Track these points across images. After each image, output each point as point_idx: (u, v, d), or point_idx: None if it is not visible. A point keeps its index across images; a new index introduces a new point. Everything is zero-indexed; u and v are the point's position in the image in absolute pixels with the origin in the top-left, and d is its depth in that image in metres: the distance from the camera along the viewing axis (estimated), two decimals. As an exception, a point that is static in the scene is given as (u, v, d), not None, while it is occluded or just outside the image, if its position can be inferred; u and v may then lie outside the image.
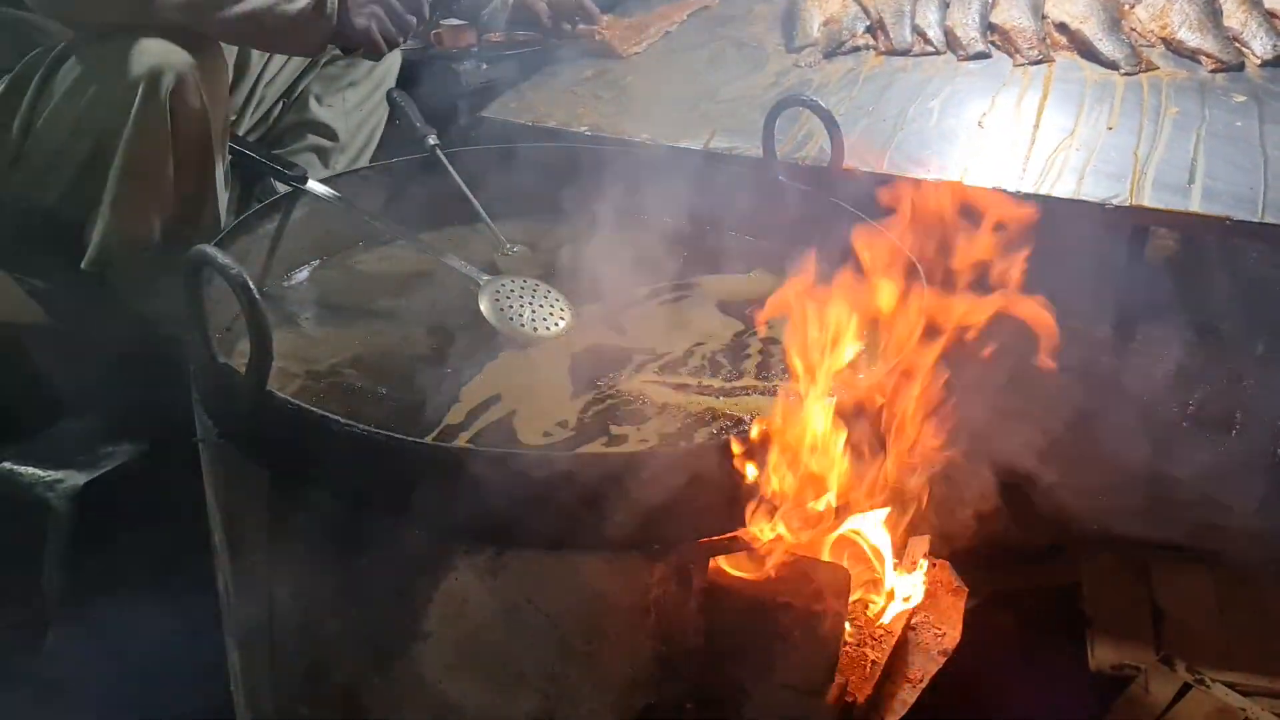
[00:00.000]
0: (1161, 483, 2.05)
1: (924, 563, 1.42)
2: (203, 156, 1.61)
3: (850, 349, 1.32)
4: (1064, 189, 1.72)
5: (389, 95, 1.98)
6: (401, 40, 1.78)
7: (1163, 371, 2.45)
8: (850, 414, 1.18)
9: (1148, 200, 1.67)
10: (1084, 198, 1.70)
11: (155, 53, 1.55)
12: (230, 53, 1.82)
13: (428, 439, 1.24)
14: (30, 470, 1.63)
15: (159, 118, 1.56)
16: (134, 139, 1.57)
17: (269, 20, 1.61)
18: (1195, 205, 1.64)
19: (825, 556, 1.22)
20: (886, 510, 1.30)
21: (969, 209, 1.40)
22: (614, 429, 1.28)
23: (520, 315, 1.48)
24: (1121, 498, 2.04)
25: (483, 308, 1.48)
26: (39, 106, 1.62)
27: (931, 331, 1.30)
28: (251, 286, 1.05)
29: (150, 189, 1.60)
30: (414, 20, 1.77)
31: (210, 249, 1.08)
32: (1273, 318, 2.34)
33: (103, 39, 1.58)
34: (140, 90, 1.54)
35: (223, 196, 1.65)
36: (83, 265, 1.64)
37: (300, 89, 2.11)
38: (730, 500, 1.11)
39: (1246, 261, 2.35)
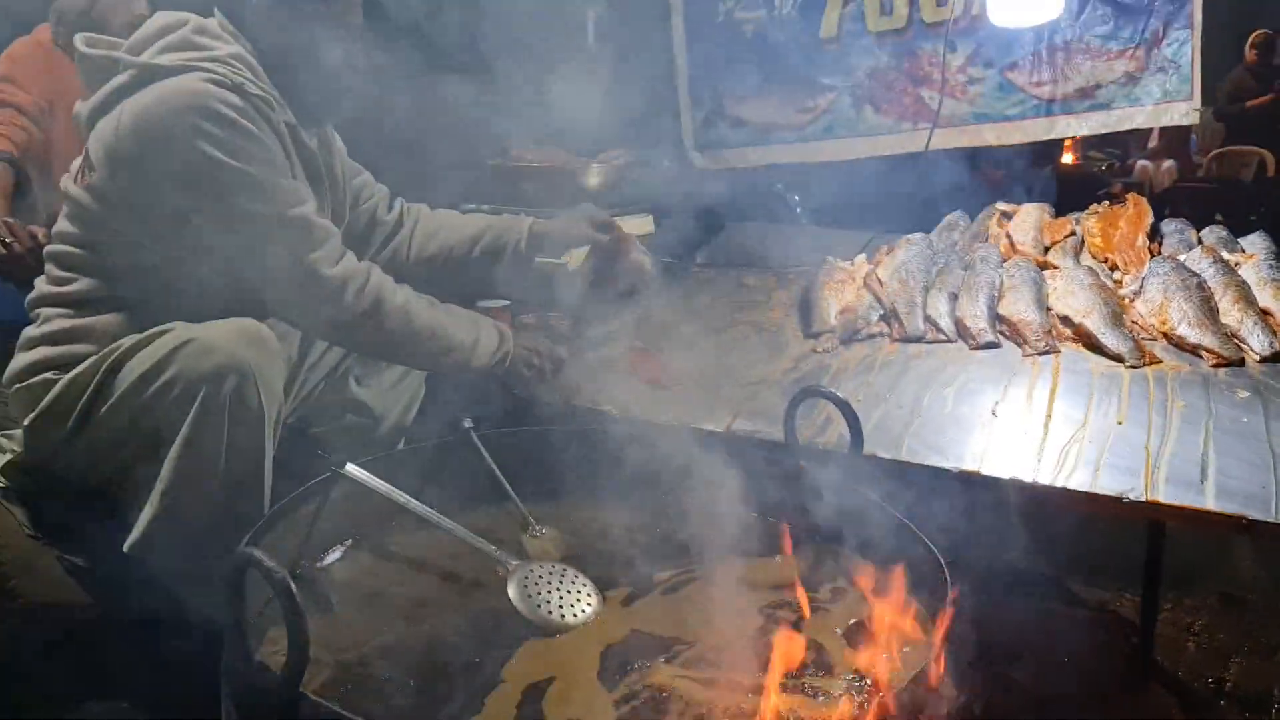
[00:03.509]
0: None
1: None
2: (254, 448, 1.65)
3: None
4: (1080, 481, 1.76)
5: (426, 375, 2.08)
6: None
7: (1194, 643, 2.39)
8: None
9: (1163, 496, 1.70)
10: (1101, 490, 1.73)
11: (222, 352, 1.62)
12: (288, 343, 1.92)
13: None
14: (55, 757, 1.59)
15: (218, 416, 1.61)
16: (191, 435, 1.61)
17: (462, 369, 1.96)
18: (1210, 503, 1.67)
19: None
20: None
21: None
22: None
23: (548, 601, 1.50)
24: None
25: (511, 595, 1.50)
26: (98, 400, 1.68)
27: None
28: (295, 592, 1.07)
29: (201, 480, 1.63)
30: (563, 359, 2.12)
31: (256, 552, 1.11)
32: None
33: (171, 336, 1.66)
34: (203, 391, 1.60)
35: (269, 484, 1.70)
36: (125, 548, 1.66)
37: (341, 369, 2.16)
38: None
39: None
